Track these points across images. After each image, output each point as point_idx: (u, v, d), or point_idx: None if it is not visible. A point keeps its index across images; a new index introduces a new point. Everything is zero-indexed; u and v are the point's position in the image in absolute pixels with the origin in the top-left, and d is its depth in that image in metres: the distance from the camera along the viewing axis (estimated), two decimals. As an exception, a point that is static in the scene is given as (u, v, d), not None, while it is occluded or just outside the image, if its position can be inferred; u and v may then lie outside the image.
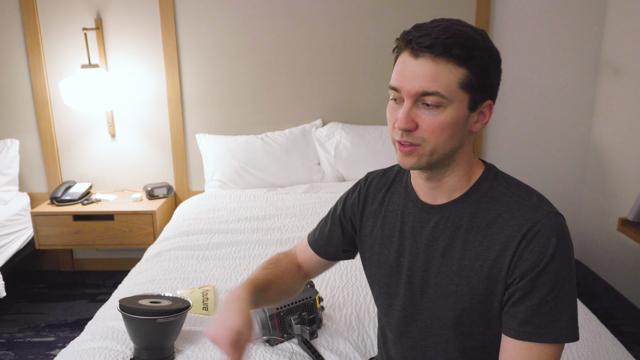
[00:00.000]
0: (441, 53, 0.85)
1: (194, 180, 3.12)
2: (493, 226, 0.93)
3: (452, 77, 0.86)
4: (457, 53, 0.85)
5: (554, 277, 0.88)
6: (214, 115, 3.02)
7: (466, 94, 0.88)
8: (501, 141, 3.03)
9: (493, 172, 0.98)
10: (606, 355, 1.42)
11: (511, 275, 0.91)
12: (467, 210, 0.96)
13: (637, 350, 2.35)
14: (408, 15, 2.85)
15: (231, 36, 2.91)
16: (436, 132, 0.88)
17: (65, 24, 2.89)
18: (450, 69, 0.85)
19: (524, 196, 0.93)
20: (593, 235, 2.97)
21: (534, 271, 0.88)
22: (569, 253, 0.89)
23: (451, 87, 0.86)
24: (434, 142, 0.89)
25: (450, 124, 0.88)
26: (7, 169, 2.94)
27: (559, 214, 0.92)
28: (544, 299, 0.88)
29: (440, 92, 0.86)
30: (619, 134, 2.72)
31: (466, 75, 0.86)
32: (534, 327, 0.89)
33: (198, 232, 2.29)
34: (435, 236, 0.98)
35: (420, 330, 1.04)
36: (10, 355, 2.38)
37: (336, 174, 2.91)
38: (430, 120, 0.88)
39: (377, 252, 1.08)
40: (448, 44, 0.84)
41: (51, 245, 2.85)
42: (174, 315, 1.33)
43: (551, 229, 0.88)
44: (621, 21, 2.69)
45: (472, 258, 0.94)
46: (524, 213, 0.91)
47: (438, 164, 0.93)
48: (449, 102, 0.87)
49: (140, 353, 1.36)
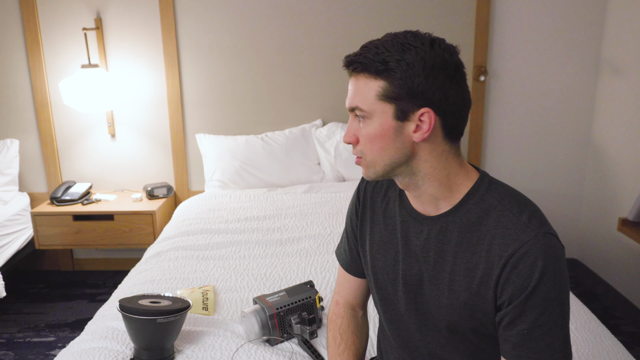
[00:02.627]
0: (358, 69, 0.90)
1: (194, 180, 3.12)
2: (482, 243, 0.91)
3: (370, 90, 0.89)
4: (371, 68, 0.88)
5: (543, 301, 0.86)
6: (214, 115, 3.02)
7: (389, 105, 0.89)
8: (501, 141, 3.03)
9: (486, 183, 0.95)
10: (606, 355, 1.42)
11: (500, 298, 0.90)
12: (457, 224, 0.94)
13: (637, 350, 2.35)
14: (408, 15, 2.85)
15: (231, 36, 2.91)
16: (367, 144, 0.93)
17: (65, 24, 2.89)
18: (368, 82, 0.89)
19: (515, 212, 0.90)
20: (593, 235, 2.97)
21: (521, 295, 0.86)
22: (558, 275, 0.86)
23: (369, 100, 0.89)
24: (369, 153, 0.93)
25: (377, 135, 0.91)
26: (7, 169, 2.94)
27: (549, 233, 0.88)
28: (534, 323, 0.87)
29: (360, 106, 0.91)
30: (619, 134, 2.72)
31: (384, 87, 0.88)
32: (527, 351, 0.88)
33: (198, 232, 2.29)
34: (427, 248, 0.97)
35: (417, 335, 1.04)
36: (10, 355, 2.38)
37: (336, 174, 2.91)
38: (362, 134, 0.93)
39: (374, 258, 1.08)
40: (361, 60, 0.89)
41: (51, 245, 2.85)
42: (174, 315, 1.33)
43: (538, 251, 0.85)
44: (621, 21, 2.69)
45: (462, 274, 0.93)
46: (511, 232, 0.88)
47: (392, 174, 0.95)
48: (371, 115, 0.90)
49: (140, 353, 1.36)
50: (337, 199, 2.62)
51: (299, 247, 2.13)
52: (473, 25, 2.86)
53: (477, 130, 2.98)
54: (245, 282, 1.83)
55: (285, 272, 1.91)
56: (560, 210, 3.08)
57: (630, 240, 2.58)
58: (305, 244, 2.16)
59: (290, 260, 2.01)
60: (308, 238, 2.20)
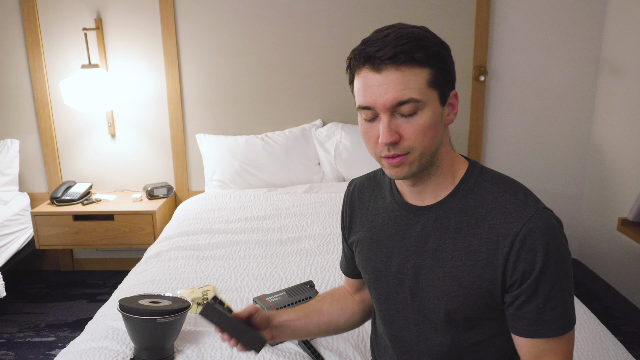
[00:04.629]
0: (403, 61, 0.85)
1: (194, 180, 3.12)
2: (483, 224, 0.93)
3: (420, 80, 0.87)
4: (418, 56, 0.86)
5: (554, 273, 0.90)
6: (214, 115, 3.02)
7: (435, 91, 0.89)
8: (501, 141, 3.03)
9: (477, 168, 0.98)
10: (606, 355, 1.42)
11: (511, 277, 0.91)
12: (454, 210, 0.96)
13: (637, 350, 2.35)
14: (408, 15, 2.85)
15: (231, 36, 2.91)
16: (420, 137, 0.89)
17: (65, 24, 2.89)
18: (415, 72, 0.86)
19: (510, 192, 0.93)
20: (593, 235, 2.97)
21: (534, 272, 0.89)
22: (562, 245, 0.91)
23: (421, 89, 0.87)
24: (421, 146, 0.90)
25: (431, 124, 0.89)
26: (7, 169, 2.94)
27: (546, 208, 0.93)
28: (548, 295, 0.90)
29: (414, 97, 0.86)
30: (619, 134, 2.72)
31: (431, 74, 0.88)
32: (545, 324, 0.91)
33: (198, 232, 2.29)
34: (425, 238, 0.98)
35: (412, 333, 1.04)
36: (10, 355, 2.38)
37: (336, 174, 2.92)
38: (412, 128, 0.88)
39: (365, 257, 1.08)
40: (407, 49, 0.85)
41: (51, 245, 2.85)
42: (174, 315, 1.33)
43: (542, 227, 0.89)
44: (621, 21, 2.69)
45: (463, 258, 0.94)
46: (512, 210, 0.91)
47: (429, 164, 0.94)
48: (424, 104, 0.88)
49: (140, 353, 1.36)
50: (337, 199, 2.62)
51: (299, 247, 2.13)
52: (473, 25, 2.86)
53: (477, 130, 2.98)
54: (245, 282, 1.83)
55: (285, 272, 1.91)
56: (560, 210, 3.08)
57: (630, 240, 2.58)
58: (305, 244, 2.16)
59: (290, 260, 2.01)
60: (308, 238, 2.20)
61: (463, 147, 3.01)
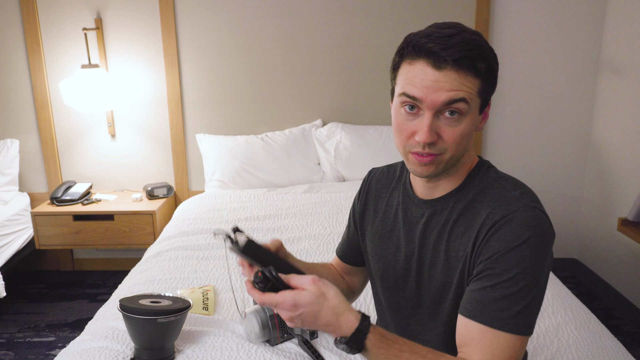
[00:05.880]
0: (466, 66, 0.86)
1: (194, 180, 3.12)
2: (477, 217, 0.93)
3: (473, 87, 0.88)
4: (480, 67, 0.87)
5: (515, 265, 0.86)
6: (214, 115, 3.02)
7: (479, 100, 0.90)
8: (501, 141, 3.03)
9: (485, 166, 1.00)
10: (606, 355, 1.42)
11: (476, 259, 0.91)
12: (457, 204, 0.97)
13: (637, 350, 2.35)
14: (408, 15, 2.85)
15: (231, 36, 2.91)
16: (457, 141, 0.90)
17: (65, 24, 2.89)
18: (471, 80, 0.87)
19: (508, 188, 0.94)
20: (593, 235, 2.97)
21: (496, 255, 0.88)
22: (539, 248, 0.87)
23: (472, 95, 0.88)
24: (455, 150, 0.91)
25: (469, 131, 0.91)
26: (7, 169, 2.94)
27: (541, 210, 0.90)
28: (499, 283, 0.87)
29: (466, 98, 0.87)
30: (619, 134, 2.72)
31: (481, 84, 0.89)
32: (482, 308, 0.87)
33: (198, 232, 2.29)
34: (428, 230, 1.00)
35: (418, 324, 1.05)
36: (10, 355, 2.38)
37: (336, 174, 2.91)
38: (451, 131, 0.89)
39: (377, 247, 1.10)
40: (472, 56, 0.86)
41: (51, 245, 2.85)
42: (174, 315, 1.33)
43: (523, 220, 0.88)
44: (621, 21, 2.69)
45: (456, 248, 0.95)
46: (501, 203, 0.91)
47: (450, 167, 0.95)
48: (469, 111, 0.89)
49: (141, 353, 1.36)
50: (337, 199, 2.62)
51: (299, 247, 2.13)
52: (473, 25, 2.86)
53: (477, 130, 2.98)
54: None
55: (286, 272, 1.90)
56: (560, 210, 3.08)
57: (630, 240, 2.58)
58: (305, 244, 2.16)
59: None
60: (308, 238, 2.20)
61: (463, 147, 3.01)
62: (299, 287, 0.86)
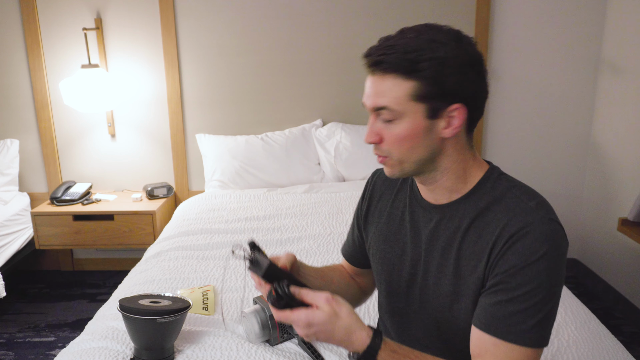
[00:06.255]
0: (386, 69, 0.86)
1: (194, 180, 3.12)
2: (489, 226, 0.91)
3: (400, 91, 0.87)
4: (401, 68, 0.85)
5: (531, 279, 0.86)
6: (214, 115, 3.02)
7: (421, 104, 0.88)
8: (501, 141, 3.03)
9: (496, 173, 0.97)
10: (606, 355, 1.42)
11: (491, 272, 0.90)
12: (468, 211, 0.95)
13: (637, 350, 2.35)
14: (408, 15, 2.85)
15: (231, 36, 2.91)
16: (396, 144, 0.91)
17: (65, 24, 2.89)
18: (397, 83, 0.86)
19: (523, 198, 0.91)
20: (593, 235, 2.97)
21: (512, 268, 0.87)
22: (556, 262, 0.86)
23: (400, 100, 0.87)
24: (398, 153, 0.92)
25: (407, 135, 0.89)
26: (7, 169, 2.94)
27: (557, 221, 0.89)
28: (514, 298, 0.86)
29: (389, 106, 0.88)
30: (619, 134, 2.72)
31: (416, 87, 0.86)
32: (497, 321, 0.87)
33: (198, 232, 2.29)
34: (436, 236, 0.98)
35: (420, 329, 1.04)
36: (10, 355, 2.38)
37: (336, 174, 2.91)
38: (389, 134, 0.91)
39: (381, 249, 1.08)
40: (391, 60, 0.85)
41: (51, 245, 2.85)
42: (174, 315, 1.33)
43: (541, 233, 0.86)
44: (621, 21, 2.69)
45: (467, 258, 0.93)
46: (517, 214, 0.89)
47: (418, 171, 0.95)
48: (401, 115, 0.88)
49: (140, 353, 1.36)
50: (337, 199, 2.62)
51: (299, 247, 2.13)
52: (473, 25, 2.86)
53: (477, 130, 2.97)
54: (245, 282, 1.83)
55: (285, 272, 1.90)
56: (560, 210, 3.05)
57: (630, 240, 2.58)
58: (305, 244, 2.16)
59: (290, 260, 2.01)
60: (308, 238, 2.20)
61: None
62: (314, 304, 0.88)
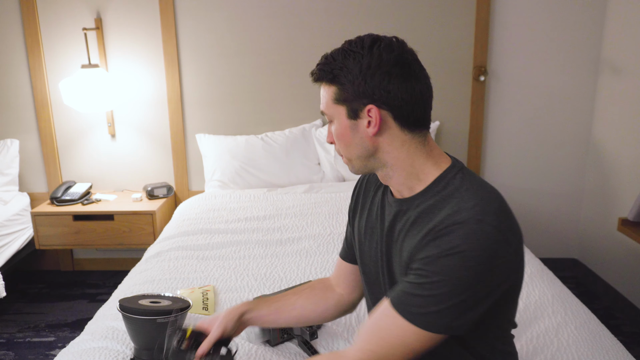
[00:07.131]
0: (317, 79, 1.03)
1: (194, 180, 3.12)
2: (429, 223, 0.94)
3: (327, 96, 1.02)
4: (325, 77, 1.00)
5: (441, 272, 0.88)
6: (214, 115, 3.02)
7: (342, 107, 1.00)
8: (501, 141, 3.03)
9: (454, 170, 0.98)
10: (606, 355, 1.42)
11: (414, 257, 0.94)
12: (417, 208, 0.98)
13: (637, 350, 2.35)
14: (408, 15, 2.85)
15: (231, 36, 2.91)
16: (337, 143, 1.04)
17: (65, 24, 2.89)
18: (326, 89, 1.02)
19: (465, 198, 0.92)
20: (593, 235, 2.97)
21: (428, 257, 0.91)
22: (475, 261, 0.86)
23: (328, 104, 1.02)
24: (342, 151, 1.05)
25: (339, 134, 1.02)
26: (7, 169, 2.94)
27: (489, 223, 0.87)
28: (423, 284, 0.91)
29: (324, 110, 1.04)
30: (619, 134, 2.72)
31: (336, 92, 1.00)
32: (402, 298, 0.93)
33: (198, 232, 2.29)
34: (393, 229, 1.04)
35: None
36: (10, 355, 2.38)
37: (336, 174, 2.92)
38: (333, 134, 1.05)
39: (361, 243, 1.14)
40: (316, 70, 1.02)
41: (51, 245, 2.85)
42: (174, 315, 1.33)
43: (465, 232, 0.87)
44: (621, 21, 2.69)
45: (406, 249, 0.99)
46: (453, 213, 0.90)
47: (369, 167, 1.04)
48: (332, 117, 1.03)
49: (140, 353, 1.36)
50: (337, 199, 2.62)
51: (299, 247, 2.13)
52: (473, 25, 2.86)
53: (477, 130, 2.98)
54: (245, 282, 1.83)
55: (285, 272, 1.91)
56: (560, 210, 3.08)
57: (630, 240, 2.58)
58: (305, 244, 2.16)
59: (290, 260, 2.01)
60: (308, 238, 2.20)
61: (463, 147, 3.01)
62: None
